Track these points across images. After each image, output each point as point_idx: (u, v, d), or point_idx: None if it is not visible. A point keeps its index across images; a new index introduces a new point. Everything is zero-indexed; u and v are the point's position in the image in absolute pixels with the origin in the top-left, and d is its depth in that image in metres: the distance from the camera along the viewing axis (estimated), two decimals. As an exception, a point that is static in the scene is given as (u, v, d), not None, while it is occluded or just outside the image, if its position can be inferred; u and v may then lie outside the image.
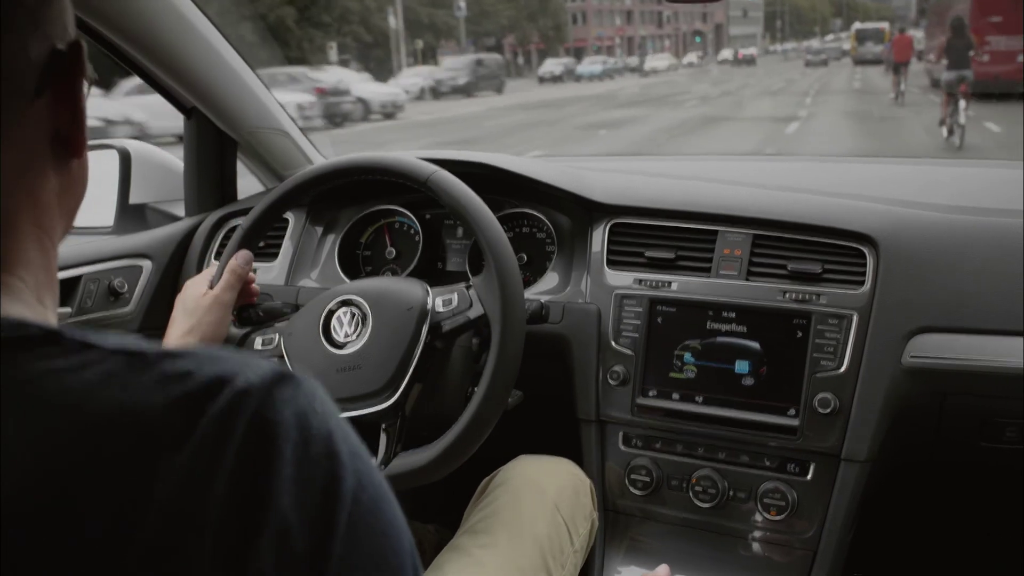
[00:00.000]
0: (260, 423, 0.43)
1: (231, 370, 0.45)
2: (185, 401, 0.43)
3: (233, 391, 0.44)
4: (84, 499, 0.41)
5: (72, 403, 0.43)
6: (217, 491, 0.41)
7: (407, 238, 1.61)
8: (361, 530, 0.45)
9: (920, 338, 1.23)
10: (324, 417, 0.46)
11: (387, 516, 0.47)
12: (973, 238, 1.29)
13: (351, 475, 0.45)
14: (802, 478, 1.30)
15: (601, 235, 1.44)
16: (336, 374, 1.12)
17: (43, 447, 0.42)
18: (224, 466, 0.42)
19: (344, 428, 0.47)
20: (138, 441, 0.42)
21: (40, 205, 0.54)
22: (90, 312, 1.52)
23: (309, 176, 1.26)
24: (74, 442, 0.42)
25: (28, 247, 0.53)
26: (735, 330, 1.31)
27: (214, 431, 0.42)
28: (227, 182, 1.78)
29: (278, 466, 0.43)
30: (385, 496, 0.48)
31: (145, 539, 0.40)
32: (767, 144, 12.97)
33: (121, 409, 0.43)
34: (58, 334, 0.46)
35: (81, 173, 0.59)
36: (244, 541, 0.41)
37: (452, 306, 1.14)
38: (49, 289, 0.56)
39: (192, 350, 0.47)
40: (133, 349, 0.46)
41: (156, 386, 0.44)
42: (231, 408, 0.43)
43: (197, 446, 0.42)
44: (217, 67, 1.55)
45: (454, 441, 1.09)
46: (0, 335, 0.45)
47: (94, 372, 0.44)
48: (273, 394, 0.45)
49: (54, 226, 0.56)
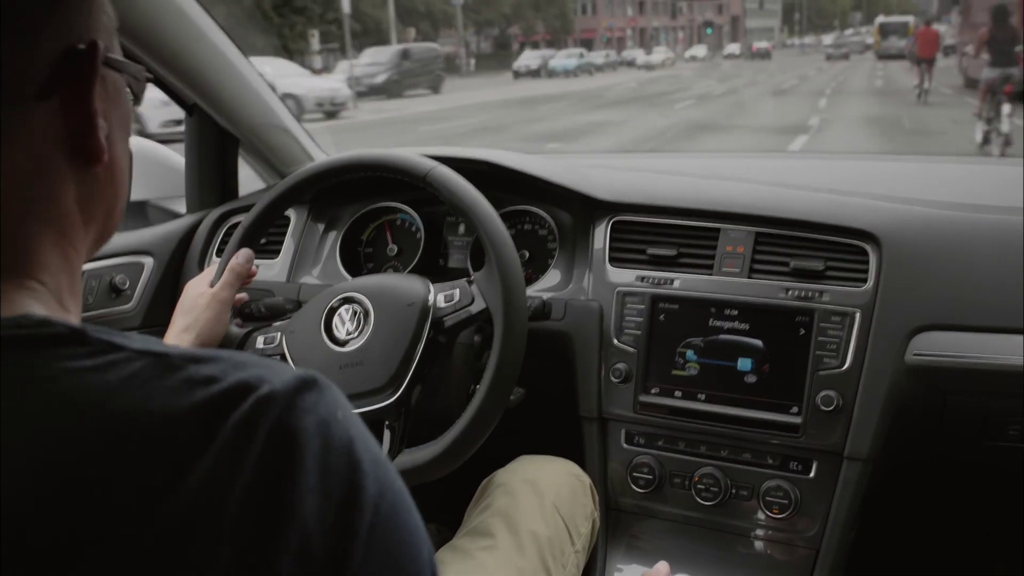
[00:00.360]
0: (282, 431, 0.43)
1: (256, 376, 0.45)
2: (208, 406, 0.43)
3: (257, 398, 0.44)
4: (102, 500, 0.41)
5: (95, 402, 0.43)
6: (237, 497, 0.41)
7: (409, 235, 1.60)
8: (380, 538, 0.45)
9: (923, 336, 1.22)
10: (346, 425, 0.46)
11: (407, 524, 0.47)
12: (976, 235, 1.28)
13: (372, 483, 0.45)
14: (804, 476, 1.30)
15: (603, 232, 1.43)
16: (339, 371, 1.11)
17: (64, 445, 0.42)
18: (244, 473, 0.42)
19: (365, 435, 0.47)
20: (160, 444, 0.42)
21: (58, 211, 0.53)
22: (91, 309, 1.52)
23: (310, 173, 1.26)
24: (95, 442, 0.42)
25: (46, 252, 0.53)
26: (737, 327, 1.30)
27: (236, 437, 0.42)
28: (228, 179, 1.78)
29: (299, 474, 0.43)
30: (405, 504, 0.48)
31: (162, 543, 0.40)
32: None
33: (144, 412, 0.43)
34: (83, 333, 0.46)
35: (111, 179, 0.58)
36: (263, 548, 0.41)
37: (454, 301, 1.14)
38: (71, 294, 0.56)
39: (218, 354, 0.47)
40: (158, 351, 0.46)
41: (180, 390, 0.44)
42: (254, 415, 0.43)
43: (219, 452, 0.42)
44: (218, 63, 1.54)
45: (457, 438, 1.09)
46: (24, 332, 0.45)
47: (118, 373, 0.44)
48: (295, 402, 0.45)
49: (76, 232, 0.55)
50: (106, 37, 0.56)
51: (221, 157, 1.75)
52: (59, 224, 0.54)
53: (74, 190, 0.54)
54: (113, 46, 0.58)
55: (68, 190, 0.54)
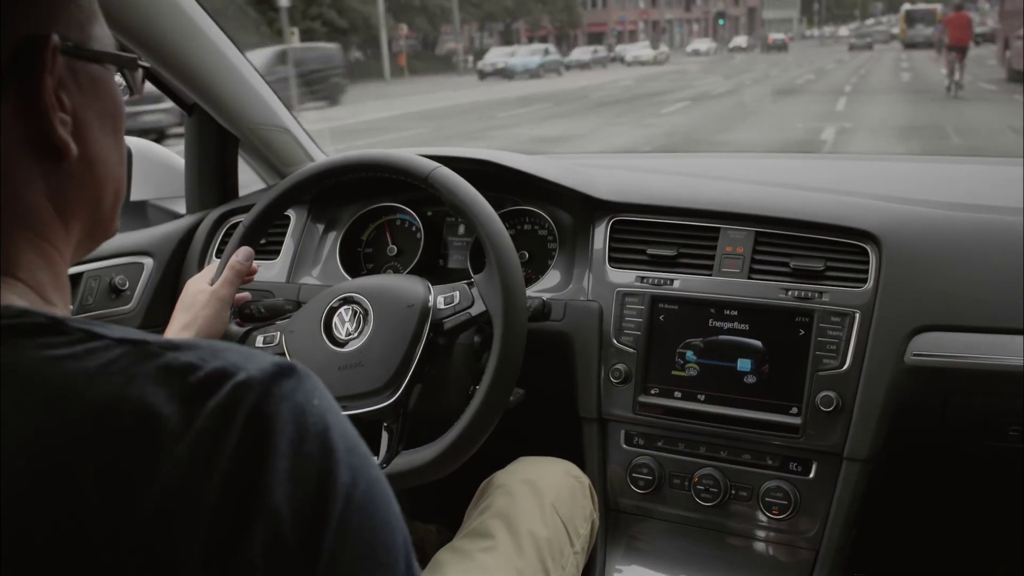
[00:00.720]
0: (257, 417, 0.44)
1: (232, 363, 0.45)
2: (186, 393, 0.44)
3: (233, 384, 0.44)
4: (81, 486, 0.41)
5: (74, 389, 0.43)
6: (212, 482, 0.42)
7: (409, 235, 1.60)
8: (353, 525, 0.45)
9: (923, 336, 1.22)
10: (321, 412, 0.46)
11: (381, 512, 0.47)
12: (976, 236, 1.28)
13: (345, 470, 0.45)
14: (804, 477, 1.29)
15: (603, 232, 1.43)
16: (338, 372, 1.11)
17: (44, 433, 0.42)
18: (220, 458, 0.42)
19: (342, 423, 0.48)
20: (137, 431, 0.42)
21: (26, 208, 0.53)
22: (91, 309, 1.53)
23: (311, 173, 1.26)
24: (74, 428, 0.42)
25: (21, 249, 0.53)
26: (737, 328, 1.30)
27: (213, 424, 0.43)
28: (228, 179, 1.78)
29: (272, 460, 0.43)
30: (381, 492, 0.48)
31: (138, 526, 0.41)
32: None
33: (122, 398, 0.43)
34: (63, 323, 0.46)
35: (88, 174, 0.57)
36: (236, 532, 0.41)
37: (454, 303, 1.14)
38: (55, 289, 0.56)
39: (196, 342, 0.47)
40: (137, 339, 0.47)
41: (158, 377, 0.44)
42: (231, 401, 0.44)
43: (196, 438, 0.42)
44: (218, 63, 1.54)
45: (456, 439, 1.09)
46: (3, 323, 0.45)
47: (97, 360, 0.44)
48: (271, 389, 0.45)
49: (52, 229, 0.55)
50: (74, 29, 0.56)
51: (221, 157, 1.75)
52: (29, 220, 0.53)
53: (43, 186, 0.54)
54: (88, 37, 0.57)
55: (36, 186, 0.53)
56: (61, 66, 0.54)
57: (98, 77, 0.58)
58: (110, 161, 0.59)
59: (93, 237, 0.61)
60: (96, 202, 0.59)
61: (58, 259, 0.56)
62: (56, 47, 0.53)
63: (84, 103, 0.56)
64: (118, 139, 0.61)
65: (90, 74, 0.57)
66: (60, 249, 0.56)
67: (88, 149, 0.57)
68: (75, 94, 0.55)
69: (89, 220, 0.59)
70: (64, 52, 0.54)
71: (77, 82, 0.56)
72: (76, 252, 0.60)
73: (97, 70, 0.58)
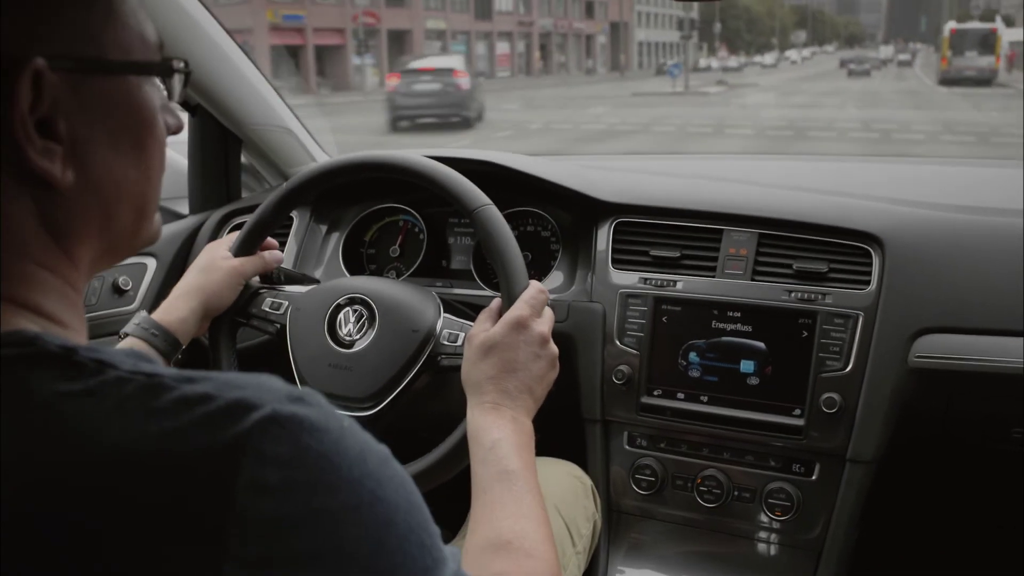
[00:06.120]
0: (265, 443, 0.44)
1: (252, 396, 0.46)
2: (204, 424, 0.44)
3: (256, 417, 0.44)
4: (98, 530, 0.42)
5: (91, 427, 0.43)
6: (233, 512, 0.42)
7: (411, 236, 1.60)
8: (362, 553, 0.46)
9: (926, 338, 1.22)
10: (322, 440, 0.47)
11: (377, 544, 0.47)
12: (979, 238, 1.28)
13: (344, 496, 0.46)
14: (807, 478, 1.29)
15: (606, 234, 1.43)
16: (327, 367, 1.12)
17: (61, 474, 0.42)
18: (241, 489, 0.43)
19: (342, 452, 0.47)
20: (158, 470, 0.43)
21: (20, 236, 0.50)
22: (95, 310, 1.52)
23: (315, 173, 1.24)
24: (93, 471, 0.42)
25: (23, 277, 0.51)
26: (740, 330, 1.30)
27: (232, 455, 0.43)
28: (231, 180, 1.78)
29: (291, 492, 0.44)
30: (383, 521, 0.48)
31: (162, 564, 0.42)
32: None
33: (141, 436, 0.43)
34: (74, 352, 0.46)
35: (94, 197, 0.53)
36: (224, 551, 0.42)
37: (456, 344, 1.11)
38: (68, 308, 0.54)
39: (208, 374, 0.47)
40: (150, 372, 0.47)
41: (175, 411, 0.44)
42: (250, 433, 0.44)
43: (214, 469, 0.43)
44: (221, 64, 1.54)
45: (439, 459, 1.07)
46: (14, 352, 0.45)
47: (112, 398, 0.44)
48: (289, 420, 0.45)
49: (50, 255, 0.52)
50: (79, 41, 0.51)
51: (224, 158, 1.75)
52: (24, 247, 0.51)
53: (35, 212, 0.50)
54: (100, 46, 0.52)
55: (26, 213, 0.50)
56: (55, 86, 0.49)
57: (110, 90, 0.53)
58: (125, 180, 0.55)
59: (115, 252, 0.58)
60: (106, 222, 0.55)
61: (61, 284, 0.53)
62: (40, 70, 0.48)
63: (87, 121, 0.52)
64: (140, 154, 0.56)
65: (97, 88, 0.52)
66: (64, 274, 0.54)
67: (92, 172, 0.52)
68: (75, 114, 0.51)
69: (103, 239, 0.56)
70: (60, 69, 0.49)
71: (79, 100, 0.51)
72: (96, 267, 0.57)
73: (108, 82, 0.53)
